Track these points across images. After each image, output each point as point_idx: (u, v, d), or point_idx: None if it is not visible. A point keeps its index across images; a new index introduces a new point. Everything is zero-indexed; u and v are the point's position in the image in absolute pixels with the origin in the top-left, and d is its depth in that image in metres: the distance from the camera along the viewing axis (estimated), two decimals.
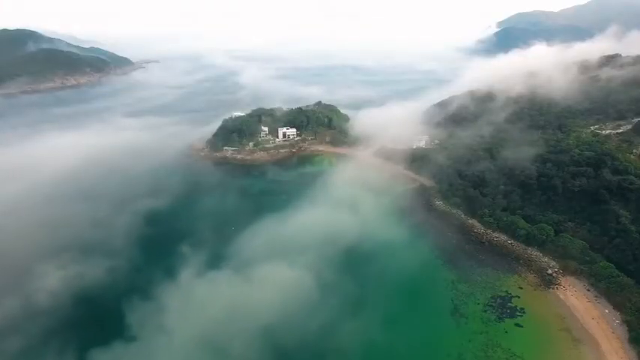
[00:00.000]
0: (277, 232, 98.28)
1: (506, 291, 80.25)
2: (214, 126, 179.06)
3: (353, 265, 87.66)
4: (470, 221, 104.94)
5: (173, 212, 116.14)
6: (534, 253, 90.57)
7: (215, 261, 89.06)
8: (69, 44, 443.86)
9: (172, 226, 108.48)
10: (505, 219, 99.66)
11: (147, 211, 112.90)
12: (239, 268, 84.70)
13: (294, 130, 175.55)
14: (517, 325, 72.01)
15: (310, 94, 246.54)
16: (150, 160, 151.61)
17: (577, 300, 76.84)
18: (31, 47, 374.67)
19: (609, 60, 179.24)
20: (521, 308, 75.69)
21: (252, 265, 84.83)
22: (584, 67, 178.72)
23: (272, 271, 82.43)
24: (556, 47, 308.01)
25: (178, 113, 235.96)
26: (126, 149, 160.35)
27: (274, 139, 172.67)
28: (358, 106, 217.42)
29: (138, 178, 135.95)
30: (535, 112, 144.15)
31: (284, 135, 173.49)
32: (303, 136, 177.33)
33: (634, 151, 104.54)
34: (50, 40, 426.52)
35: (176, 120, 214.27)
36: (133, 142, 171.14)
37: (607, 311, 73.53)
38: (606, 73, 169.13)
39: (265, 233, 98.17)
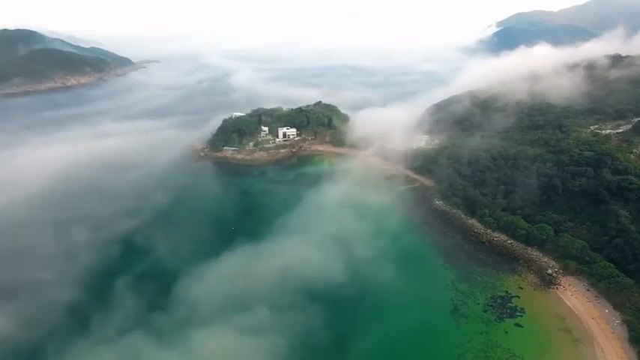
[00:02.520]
0: (272, 239, 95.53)
1: (506, 291, 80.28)
2: (213, 127, 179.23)
3: (352, 265, 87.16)
4: (470, 221, 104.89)
5: (147, 234, 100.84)
6: (534, 253, 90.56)
7: (159, 317, 71.24)
8: (69, 44, 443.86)
9: (137, 254, 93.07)
10: (505, 219, 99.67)
11: (115, 236, 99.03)
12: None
13: (294, 130, 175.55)
14: (517, 325, 72.04)
15: (309, 96, 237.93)
16: (140, 167, 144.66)
17: (577, 300, 76.85)
18: (31, 47, 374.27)
19: (611, 60, 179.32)
20: (521, 308, 75.72)
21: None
22: (584, 68, 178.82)
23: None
24: (556, 48, 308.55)
25: (175, 115, 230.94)
26: (115, 156, 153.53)
27: (274, 139, 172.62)
28: (358, 107, 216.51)
29: (122, 190, 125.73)
30: (535, 112, 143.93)
31: (284, 135, 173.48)
32: (303, 136, 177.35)
33: (634, 151, 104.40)
34: (50, 40, 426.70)
35: (172, 123, 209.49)
36: (124, 147, 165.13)
37: (607, 311, 73.54)
38: (606, 72, 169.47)
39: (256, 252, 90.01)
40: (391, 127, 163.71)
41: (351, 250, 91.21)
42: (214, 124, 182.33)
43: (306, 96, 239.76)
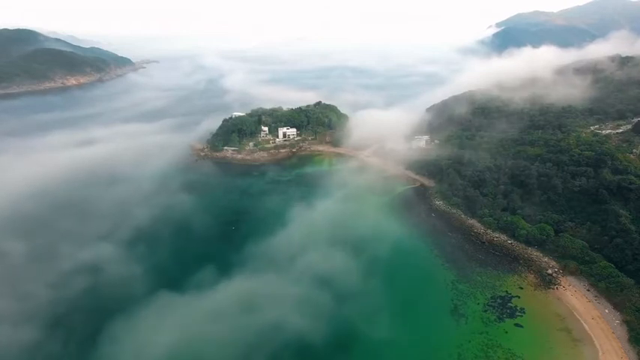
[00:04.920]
0: (272, 240, 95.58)
1: (506, 291, 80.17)
2: (213, 128, 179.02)
3: (352, 264, 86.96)
4: (470, 221, 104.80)
5: (112, 257, 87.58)
6: (534, 253, 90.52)
7: None
8: (69, 44, 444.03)
9: (83, 288, 78.20)
10: (505, 219, 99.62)
11: (70, 264, 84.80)
12: None
13: (294, 130, 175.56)
14: (517, 325, 71.93)
15: (308, 100, 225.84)
16: (137, 170, 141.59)
17: (577, 300, 76.78)
18: (31, 47, 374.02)
19: (612, 61, 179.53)
20: (521, 308, 75.62)
21: None
22: (585, 68, 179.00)
23: None
24: (557, 48, 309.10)
25: (175, 117, 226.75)
26: (110, 159, 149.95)
27: (274, 139, 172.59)
28: (358, 108, 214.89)
29: (110, 197, 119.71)
30: (535, 112, 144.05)
31: (284, 135, 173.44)
32: (303, 136, 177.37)
33: (634, 150, 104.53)
34: (50, 40, 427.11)
35: (172, 123, 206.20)
36: (122, 149, 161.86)
37: (607, 311, 73.50)
38: (607, 73, 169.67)
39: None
40: (391, 128, 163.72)
41: (351, 249, 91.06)
42: (213, 125, 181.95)
43: (305, 99, 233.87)
